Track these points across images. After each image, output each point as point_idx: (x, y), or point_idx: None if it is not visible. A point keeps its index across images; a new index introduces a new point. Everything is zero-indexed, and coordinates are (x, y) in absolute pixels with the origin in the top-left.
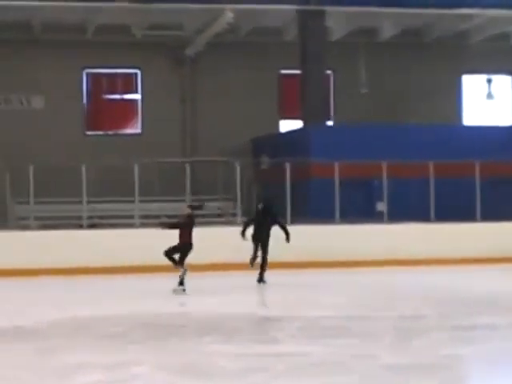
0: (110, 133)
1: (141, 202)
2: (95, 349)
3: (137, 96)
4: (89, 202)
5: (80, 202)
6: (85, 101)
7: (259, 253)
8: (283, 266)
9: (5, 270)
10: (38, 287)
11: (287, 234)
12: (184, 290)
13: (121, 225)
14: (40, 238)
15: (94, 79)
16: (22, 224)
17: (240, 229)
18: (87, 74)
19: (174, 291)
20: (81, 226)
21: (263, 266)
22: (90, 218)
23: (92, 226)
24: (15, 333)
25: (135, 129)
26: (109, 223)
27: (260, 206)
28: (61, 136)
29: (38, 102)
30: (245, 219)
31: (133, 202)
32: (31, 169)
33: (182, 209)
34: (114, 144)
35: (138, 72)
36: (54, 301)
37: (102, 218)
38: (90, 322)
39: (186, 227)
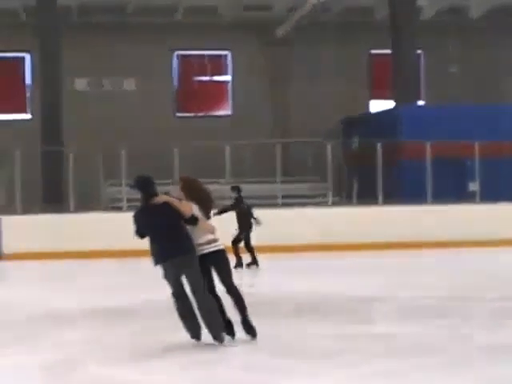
0: (200, 114)
1: (227, 183)
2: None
3: (227, 77)
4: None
5: (171, 184)
6: (175, 83)
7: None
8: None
9: (97, 252)
10: (132, 268)
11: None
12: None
13: None
14: (131, 220)
15: (185, 61)
16: (113, 206)
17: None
18: (178, 57)
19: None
20: None
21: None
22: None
23: None
24: (116, 313)
25: (225, 110)
26: None
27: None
28: (152, 118)
29: (129, 85)
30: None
31: (223, 183)
32: (123, 151)
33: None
34: (204, 126)
35: (228, 53)
36: (146, 282)
37: None
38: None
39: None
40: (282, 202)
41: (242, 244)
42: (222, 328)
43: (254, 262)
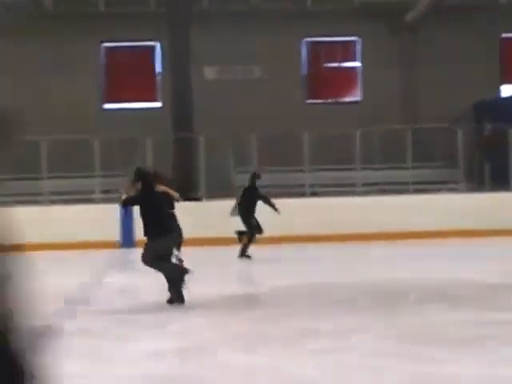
0: (329, 101)
1: (362, 169)
2: (323, 315)
3: (356, 64)
4: (310, 171)
5: (302, 171)
6: (304, 70)
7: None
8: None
9: (227, 239)
10: (264, 255)
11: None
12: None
13: (342, 193)
14: (261, 207)
15: (313, 48)
16: None
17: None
18: (306, 43)
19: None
20: (303, 195)
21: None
22: (312, 186)
23: (314, 195)
24: (247, 299)
25: (355, 96)
26: (330, 191)
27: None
28: (281, 105)
29: (258, 73)
30: None
31: (354, 169)
32: (254, 138)
33: None
34: (333, 112)
35: (358, 40)
36: (281, 268)
37: (323, 186)
38: (320, 288)
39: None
40: (412, 188)
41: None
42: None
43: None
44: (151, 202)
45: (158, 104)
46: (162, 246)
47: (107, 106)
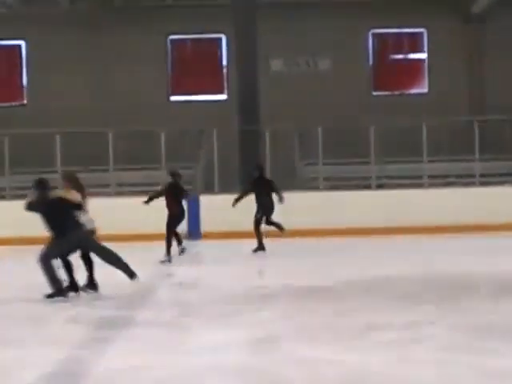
0: (396, 93)
1: (429, 161)
2: (389, 308)
3: (423, 55)
4: (377, 163)
5: (368, 163)
6: (371, 61)
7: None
8: None
9: (293, 231)
10: (329, 247)
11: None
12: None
13: (409, 185)
14: (328, 199)
15: (380, 39)
16: (310, 185)
17: None
18: (373, 35)
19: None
20: (368, 187)
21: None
22: (379, 178)
23: (380, 187)
24: (313, 292)
25: (421, 88)
26: (396, 184)
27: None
28: (347, 97)
29: (324, 64)
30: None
31: (421, 162)
32: (319, 130)
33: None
34: (400, 104)
35: (424, 31)
36: (346, 261)
37: (390, 178)
38: (385, 281)
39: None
40: (479, 180)
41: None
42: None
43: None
44: (47, 210)
45: (223, 96)
46: (57, 248)
47: (173, 98)
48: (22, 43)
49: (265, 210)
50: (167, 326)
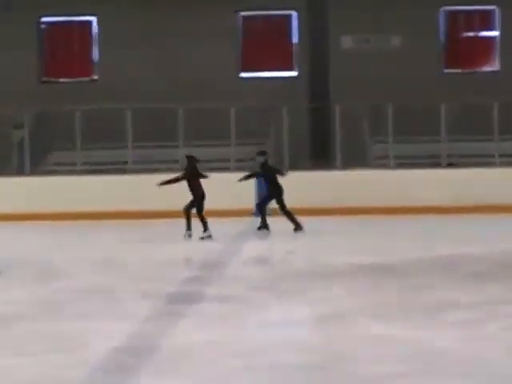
0: (467, 71)
1: (500, 140)
2: (454, 287)
3: (495, 33)
4: (447, 141)
5: (438, 141)
6: (442, 39)
7: None
8: None
9: (366, 208)
10: (395, 225)
11: None
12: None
13: (479, 164)
14: (398, 177)
15: (452, 17)
16: (380, 163)
17: None
18: (445, 12)
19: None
20: (438, 165)
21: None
22: (449, 156)
23: (450, 165)
24: (379, 270)
25: (493, 66)
26: (467, 162)
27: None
28: (419, 75)
29: (396, 41)
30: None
31: (491, 140)
32: (390, 108)
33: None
34: (471, 82)
35: (496, 8)
36: (412, 239)
37: (460, 156)
38: (453, 260)
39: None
40: None
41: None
42: None
43: (297, 225)
44: None
45: (293, 73)
46: None
47: (243, 74)
48: (93, 19)
49: (278, 194)
50: (235, 302)
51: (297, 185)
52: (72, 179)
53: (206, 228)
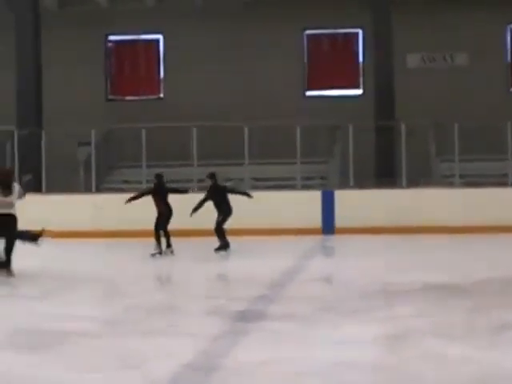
0: None
1: None
2: None
3: None
4: None
5: (505, 159)
6: (509, 57)
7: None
8: None
9: (427, 227)
10: (462, 244)
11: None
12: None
13: None
14: (464, 196)
15: None
16: (446, 181)
17: None
18: (511, 30)
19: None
20: (505, 184)
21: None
22: None
23: None
24: (444, 288)
25: None
26: None
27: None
28: (484, 92)
29: (461, 60)
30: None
31: None
32: (456, 126)
33: None
34: None
35: None
36: (481, 258)
37: None
38: None
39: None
40: None
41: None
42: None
43: (222, 245)
44: None
45: (359, 91)
46: None
47: (309, 93)
48: (160, 37)
49: (225, 215)
50: (299, 321)
51: (362, 203)
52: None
53: (168, 244)
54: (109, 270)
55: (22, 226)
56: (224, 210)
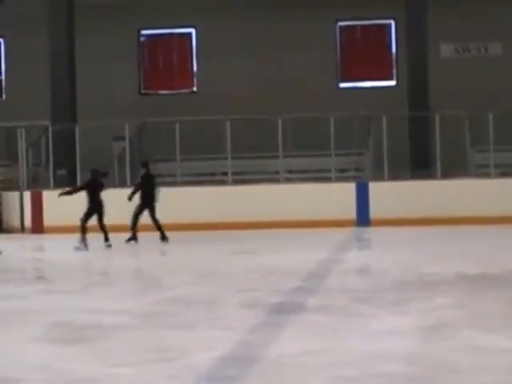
0: None
1: None
2: None
3: None
4: None
5: None
6: None
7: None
8: None
9: (465, 218)
10: (497, 234)
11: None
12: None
13: None
14: (499, 186)
15: None
16: (481, 172)
17: None
18: None
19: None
20: None
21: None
22: None
23: None
24: (482, 279)
25: None
26: None
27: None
28: None
29: (495, 49)
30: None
31: None
32: (490, 116)
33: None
34: None
35: None
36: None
37: None
38: None
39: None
40: None
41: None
42: None
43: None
44: None
45: (392, 82)
46: None
47: (342, 84)
48: (193, 31)
49: (146, 204)
50: (337, 312)
51: (397, 195)
52: (172, 190)
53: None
54: (149, 263)
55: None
56: (147, 200)
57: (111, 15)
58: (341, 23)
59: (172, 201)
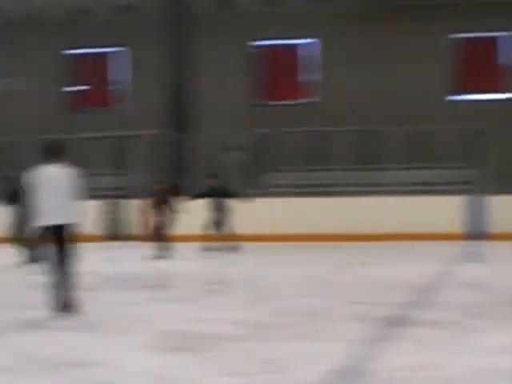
0: None
1: None
2: None
3: None
4: None
5: None
6: None
7: None
8: None
9: None
10: None
11: None
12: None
13: None
14: None
15: None
16: None
17: None
18: None
19: None
20: None
21: None
22: None
23: None
24: None
25: None
26: None
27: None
28: None
29: None
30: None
31: None
32: None
33: None
34: None
35: None
36: None
37: None
38: None
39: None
40: None
41: None
42: None
43: None
44: None
45: (505, 95)
46: None
47: (454, 97)
48: (301, 42)
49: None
50: (450, 327)
51: (508, 208)
52: (284, 201)
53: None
54: (261, 273)
55: None
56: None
57: (226, 25)
58: (454, 35)
59: (285, 211)
